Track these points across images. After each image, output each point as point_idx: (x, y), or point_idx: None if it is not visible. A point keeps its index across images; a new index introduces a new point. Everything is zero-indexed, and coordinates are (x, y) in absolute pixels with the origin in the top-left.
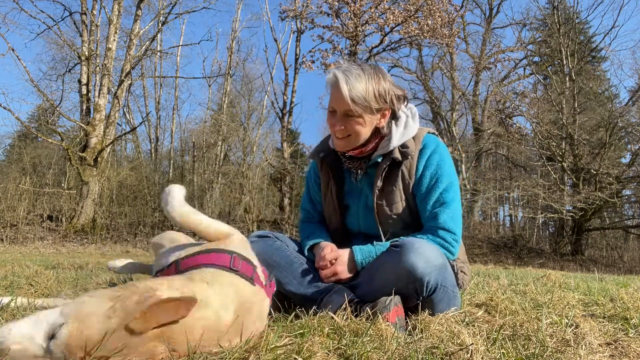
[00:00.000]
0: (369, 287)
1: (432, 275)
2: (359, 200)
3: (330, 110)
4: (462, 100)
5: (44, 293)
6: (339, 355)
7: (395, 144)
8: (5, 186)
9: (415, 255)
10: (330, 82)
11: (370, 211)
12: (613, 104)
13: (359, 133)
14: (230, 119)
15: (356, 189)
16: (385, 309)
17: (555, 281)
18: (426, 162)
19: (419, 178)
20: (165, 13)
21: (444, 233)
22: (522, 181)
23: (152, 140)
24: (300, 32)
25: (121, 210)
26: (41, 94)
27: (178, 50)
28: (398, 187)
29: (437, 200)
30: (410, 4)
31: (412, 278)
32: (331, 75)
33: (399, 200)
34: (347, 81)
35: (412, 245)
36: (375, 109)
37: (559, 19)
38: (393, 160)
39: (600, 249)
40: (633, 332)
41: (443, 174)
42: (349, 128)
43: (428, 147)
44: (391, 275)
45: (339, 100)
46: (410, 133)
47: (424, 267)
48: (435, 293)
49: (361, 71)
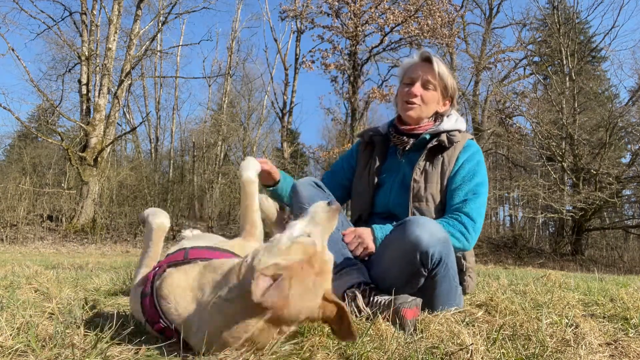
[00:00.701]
0: (379, 267)
1: (436, 248)
2: (396, 176)
3: (408, 83)
4: (462, 100)
5: (44, 293)
6: (339, 355)
7: (446, 127)
8: (5, 186)
9: (419, 229)
10: (414, 61)
11: (405, 188)
12: (613, 104)
13: (429, 104)
14: (230, 119)
15: (395, 166)
16: (407, 305)
17: (555, 281)
18: (468, 157)
19: (458, 168)
20: (165, 13)
21: (467, 219)
22: (522, 181)
23: (152, 140)
24: (300, 32)
25: (121, 210)
26: (41, 94)
27: (178, 50)
28: (437, 170)
29: (471, 190)
30: (410, 4)
31: (417, 249)
32: (417, 56)
33: (435, 181)
34: (437, 61)
35: (415, 220)
36: (448, 92)
37: (559, 19)
38: (439, 142)
39: (600, 249)
40: (633, 332)
41: (480, 171)
42: (424, 96)
43: (472, 146)
44: (398, 251)
45: (427, 70)
46: (459, 126)
47: (428, 239)
48: (438, 267)
49: (441, 60)
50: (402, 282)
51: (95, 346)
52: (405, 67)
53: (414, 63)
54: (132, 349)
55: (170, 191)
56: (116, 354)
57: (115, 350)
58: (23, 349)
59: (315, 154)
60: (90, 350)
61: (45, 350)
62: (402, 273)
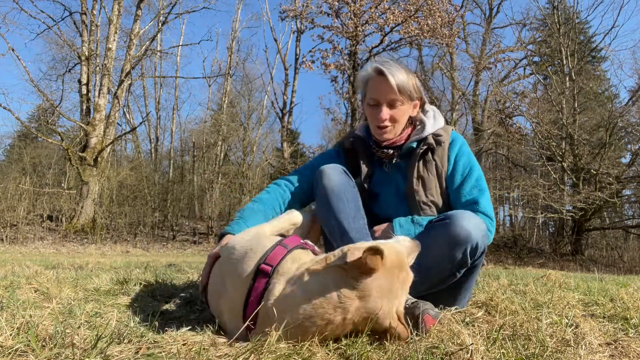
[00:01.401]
0: (420, 267)
1: (482, 240)
2: (389, 187)
3: (373, 104)
4: (462, 100)
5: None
6: (339, 355)
7: (430, 130)
8: (5, 186)
9: (467, 222)
10: (370, 75)
11: (402, 198)
12: (613, 104)
13: (401, 121)
14: (230, 119)
15: (385, 177)
16: (433, 313)
17: (555, 281)
18: (458, 152)
19: (453, 166)
20: (165, 13)
21: (484, 217)
22: (522, 181)
23: (152, 140)
24: (300, 32)
25: (121, 210)
26: (41, 94)
27: (178, 50)
28: (432, 174)
29: (475, 186)
30: (410, 4)
31: (469, 241)
32: (371, 69)
33: (434, 187)
34: (391, 72)
35: (460, 213)
36: (415, 97)
37: (559, 19)
38: (428, 146)
39: (600, 249)
40: (633, 332)
41: (475, 164)
42: (393, 116)
43: (458, 140)
44: (445, 247)
45: (386, 91)
46: (439, 123)
47: (475, 230)
48: (480, 258)
49: (395, 63)
50: (446, 276)
51: (95, 346)
52: (364, 84)
53: (370, 78)
54: (133, 348)
55: (170, 191)
56: (116, 354)
57: (115, 349)
58: (23, 349)
59: (315, 154)
60: (90, 350)
61: (45, 350)
62: (451, 267)
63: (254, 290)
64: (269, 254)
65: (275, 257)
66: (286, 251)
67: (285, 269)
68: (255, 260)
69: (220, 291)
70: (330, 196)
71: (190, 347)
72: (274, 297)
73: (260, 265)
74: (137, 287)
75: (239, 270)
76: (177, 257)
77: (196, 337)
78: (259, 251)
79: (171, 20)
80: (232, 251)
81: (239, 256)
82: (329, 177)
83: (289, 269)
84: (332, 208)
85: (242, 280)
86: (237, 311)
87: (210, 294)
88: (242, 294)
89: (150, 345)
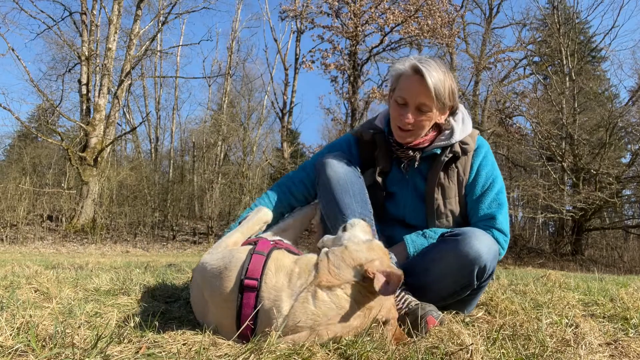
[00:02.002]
0: (425, 278)
1: (492, 263)
2: (406, 188)
3: (401, 103)
4: (462, 100)
5: (44, 293)
6: (339, 355)
7: (458, 138)
8: (5, 186)
9: (479, 242)
10: (405, 71)
11: (420, 201)
12: (613, 104)
13: (425, 127)
14: (230, 119)
15: (402, 177)
16: (435, 315)
17: (555, 281)
18: (482, 161)
19: (475, 176)
20: (165, 13)
21: (499, 234)
22: (522, 181)
23: (152, 140)
24: (300, 32)
25: (121, 210)
26: (41, 94)
27: (178, 50)
28: (453, 183)
29: (494, 200)
30: (410, 4)
31: (477, 263)
32: (409, 65)
33: (454, 195)
34: (429, 73)
35: (472, 232)
36: (447, 105)
37: (559, 19)
38: (454, 154)
39: (600, 249)
40: (633, 332)
41: (498, 176)
42: (418, 122)
43: (483, 147)
44: (453, 263)
45: (418, 93)
46: (468, 130)
47: (487, 252)
48: (489, 279)
49: (436, 64)
50: (450, 293)
51: (95, 346)
52: (397, 78)
53: (405, 75)
54: (133, 348)
55: (170, 191)
56: (116, 353)
57: (115, 349)
58: (23, 349)
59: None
60: (90, 350)
61: (45, 350)
62: (455, 285)
63: (245, 307)
64: (247, 266)
65: (256, 268)
66: (264, 258)
67: (274, 282)
68: (234, 276)
69: (204, 311)
70: (335, 188)
71: (190, 347)
72: (286, 315)
73: (244, 281)
74: (137, 287)
75: (220, 289)
76: (177, 257)
77: (196, 337)
78: (235, 266)
79: (171, 20)
80: (205, 272)
81: (215, 274)
82: (334, 167)
83: (278, 280)
84: (337, 201)
85: (226, 298)
86: (228, 329)
87: (195, 309)
88: (231, 313)
89: (151, 345)
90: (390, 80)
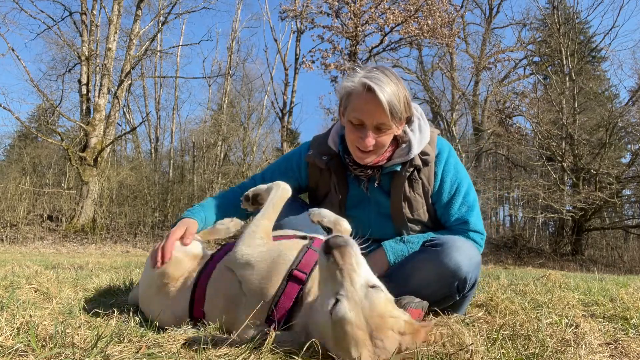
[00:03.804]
0: (405, 288)
1: (474, 273)
2: (369, 208)
3: (357, 124)
4: (462, 100)
5: (44, 293)
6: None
7: (416, 151)
8: (5, 186)
9: (459, 254)
10: (356, 89)
11: (386, 219)
12: (613, 104)
13: (387, 144)
14: (230, 119)
15: (364, 198)
16: (414, 305)
17: (555, 281)
18: (444, 168)
19: (440, 184)
20: (165, 13)
21: (475, 235)
22: (522, 181)
23: (152, 140)
24: (300, 32)
25: (121, 210)
26: (41, 94)
27: (178, 50)
28: (419, 194)
29: (463, 204)
30: (410, 4)
31: (457, 276)
32: (358, 82)
33: (421, 206)
34: (381, 89)
35: (453, 243)
36: (404, 117)
37: (559, 19)
38: (415, 167)
39: (600, 249)
40: (633, 332)
41: (462, 178)
42: (379, 141)
43: (443, 152)
44: (432, 274)
45: (374, 113)
46: (426, 137)
47: (468, 264)
48: (472, 289)
49: (386, 77)
50: (431, 302)
51: (95, 346)
52: (346, 96)
53: (356, 93)
54: (133, 348)
55: (170, 191)
56: (116, 353)
57: (115, 349)
58: (23, 349)
59: None
60: (90, 350)
61: (45, 350)
62: (435, 295)
63: (286, 295)
64: (300, 258)
65: (308, 263)
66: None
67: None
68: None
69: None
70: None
71: (190, 346)
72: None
73: (294, 272)
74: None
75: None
76: None
77: (196, 336)
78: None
79: (171, 20)
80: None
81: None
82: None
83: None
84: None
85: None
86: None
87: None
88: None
89: (151, 345)
90: (340, 98)
